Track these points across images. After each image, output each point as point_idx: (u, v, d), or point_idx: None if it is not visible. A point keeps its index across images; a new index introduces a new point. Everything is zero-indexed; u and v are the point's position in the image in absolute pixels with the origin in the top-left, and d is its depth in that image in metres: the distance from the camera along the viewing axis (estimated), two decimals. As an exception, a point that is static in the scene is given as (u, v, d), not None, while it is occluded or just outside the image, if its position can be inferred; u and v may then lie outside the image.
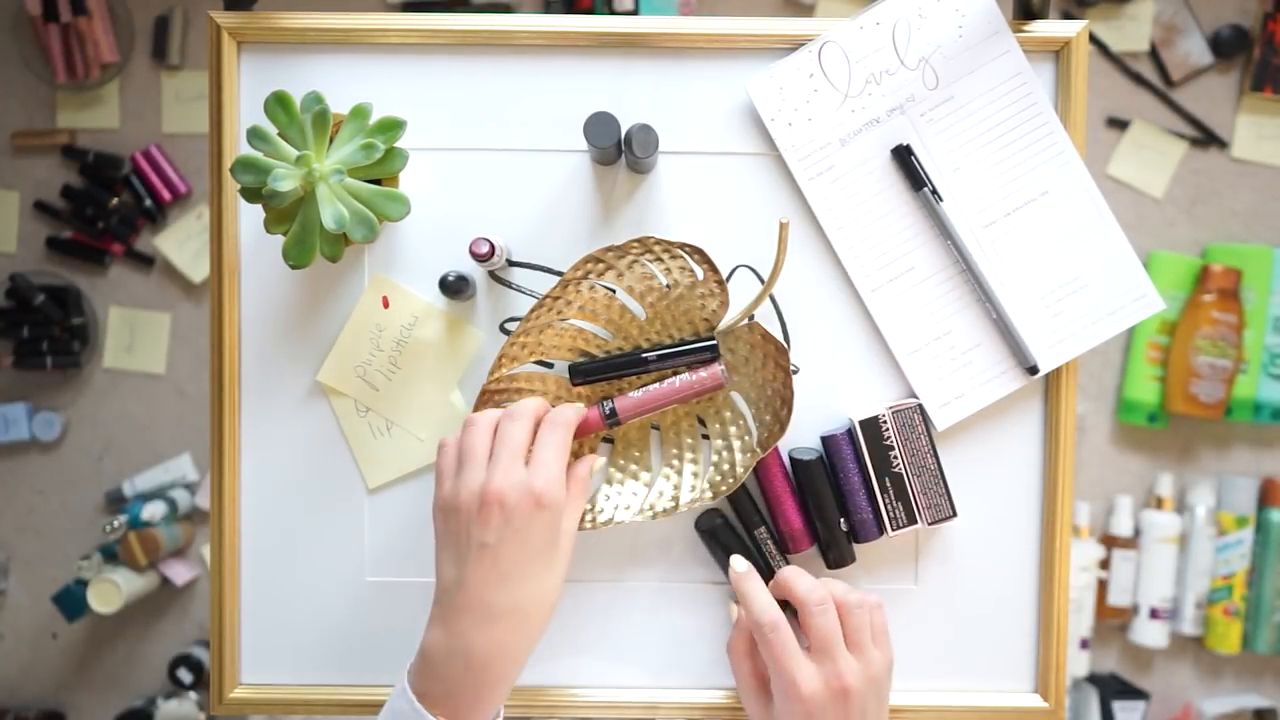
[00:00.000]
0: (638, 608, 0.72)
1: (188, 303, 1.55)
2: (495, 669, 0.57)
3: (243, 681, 0.73)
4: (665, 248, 0.63)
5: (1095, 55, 1.53)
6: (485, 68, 0.70)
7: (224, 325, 0.71)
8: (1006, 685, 0.73)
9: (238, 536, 0.72)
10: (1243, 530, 1.49)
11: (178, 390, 1.55)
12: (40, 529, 1.55)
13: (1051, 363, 0.70)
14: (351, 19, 0.70)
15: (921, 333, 0.70)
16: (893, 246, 0.70)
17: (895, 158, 0.69)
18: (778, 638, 0.60)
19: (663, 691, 0.72)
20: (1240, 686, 1.55)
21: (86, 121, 1.53)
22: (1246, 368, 1.48)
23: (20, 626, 1.56)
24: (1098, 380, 1.54)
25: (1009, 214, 0.70)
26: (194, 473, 1.54)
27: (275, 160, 0.61)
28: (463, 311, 0.71)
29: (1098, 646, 1.54)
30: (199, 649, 1.52)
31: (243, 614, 0.72)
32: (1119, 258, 0.70)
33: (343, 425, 0.72)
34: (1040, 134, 0.69)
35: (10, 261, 1.54)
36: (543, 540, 0.58)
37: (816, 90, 0.69)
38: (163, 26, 1.52)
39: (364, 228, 0.62)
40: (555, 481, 0.58)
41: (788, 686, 0.59)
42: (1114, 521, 1.51)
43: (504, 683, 0.58)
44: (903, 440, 0.68)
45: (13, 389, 1.54)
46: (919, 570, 0.72)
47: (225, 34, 0.70)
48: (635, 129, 0.65)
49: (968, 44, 0.69)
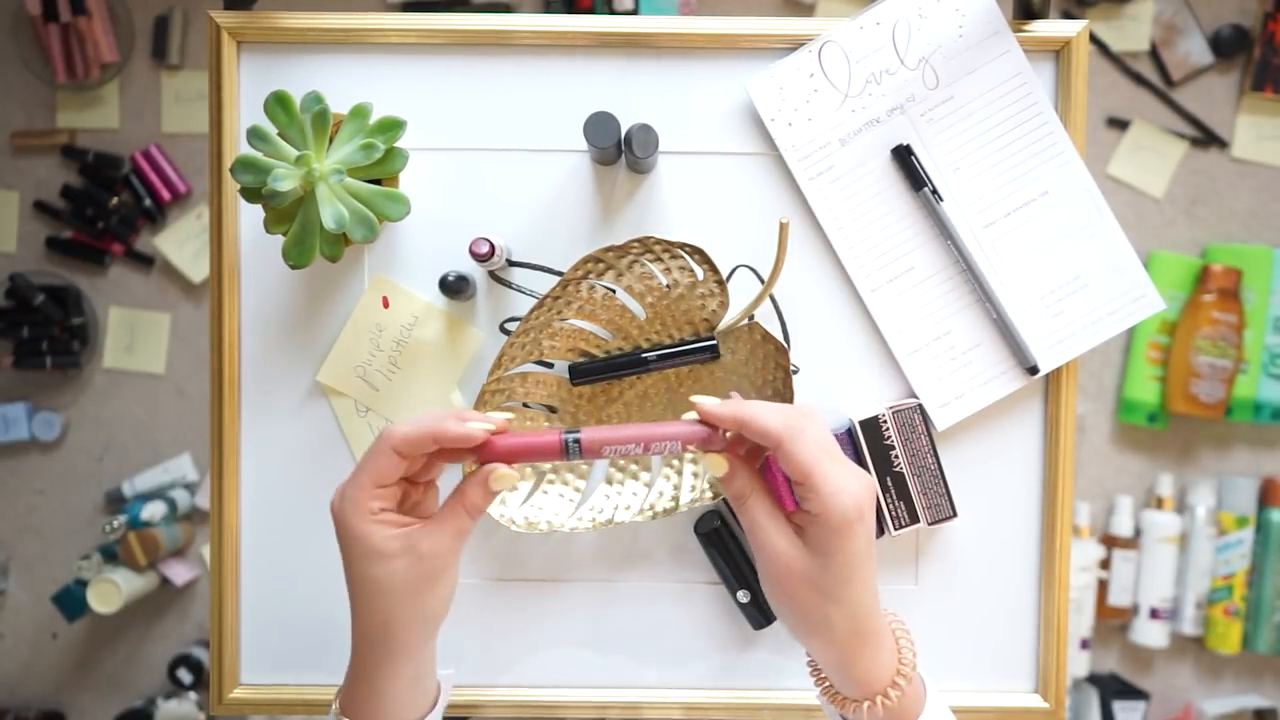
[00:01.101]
0: (637, 608, 0.72)
1: (188, 303, 1.55)
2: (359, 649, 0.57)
3: (243, 681, 0.73)
4: (665, 248, 0.63)
5: (1095, 55, 1.53)
6: (485, 68, 0.70)
7: (224, 325, 0.71)
8: (1006, 685, 0.73)
9: (238, 536, 0.72)
10: (1243, 530, 1.49)
11: (178, 390, 1.55)
12: (40, 529, 1.55)
13: (1051, 363, 0.70)
14: (351, 19, 0.70)
15: (921, 333, 0.70)
16: (893, 246, 0.70)
17: (895, 158, 0.69)
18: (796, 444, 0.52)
19: (662, 691, 0.72)
20: (1240, 686, 1.55)
21: (86, 121, 1.53)
22: (1246, 368, 1.48)
23: (20, 626, 1.56)
24: (1098, 380, 1.54)
25: (1009, 214, 0.70)
26: (194, 473, 1.54)
27: (275, 160, 0.61)
28: (463, 311, 0.71)
29: (1098, 646, 1.54)
30: (199, 649, 1.52)
31: (243, 614, 0.72)
32: (1119, 258, 0.70)
33: (343, 425, 0.72)
34: (1040, 134, 0.69)
35: (10, 261, 1.54)
36: (346, 560, 0.56)
37: (816, 90, 0.69)
38: (163, 26, 1.52)
39: (364, 228, 0.62)
40: (344, 506, 0.55)
41: (845, 500, 0.52)
42: (1114, 521, 1.51)
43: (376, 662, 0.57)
44: (903, 440, 0.68)
45: (13, 389, 1.54)
46: (919, 570, 0.72)
47: (225, 34, 0.69)
48: (635, 129, 0.65)
49: (968, 44, 0.69)
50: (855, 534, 0.53)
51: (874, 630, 0.55)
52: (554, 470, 0.70)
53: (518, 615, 0.72)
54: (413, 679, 0.58)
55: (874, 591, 0.55)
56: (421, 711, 0.59)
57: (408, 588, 0.55)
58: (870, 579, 0.54)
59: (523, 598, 0.72)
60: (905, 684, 0.55)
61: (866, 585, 0.54)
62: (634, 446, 0.55)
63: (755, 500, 0.56)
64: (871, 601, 0.55)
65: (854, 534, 0.52)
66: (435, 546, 0.55)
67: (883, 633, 0.55)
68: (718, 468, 0.56)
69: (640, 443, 0.55)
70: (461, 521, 0.55)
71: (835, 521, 0.52)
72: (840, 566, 0.53)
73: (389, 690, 0.57)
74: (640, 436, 0.55)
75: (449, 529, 0.55)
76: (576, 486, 0.70)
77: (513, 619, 0.72)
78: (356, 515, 0.55)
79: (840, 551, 0.53)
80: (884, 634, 0.55)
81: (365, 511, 0.54)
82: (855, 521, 0.52)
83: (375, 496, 0.55)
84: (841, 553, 0.53)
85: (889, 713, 0.55)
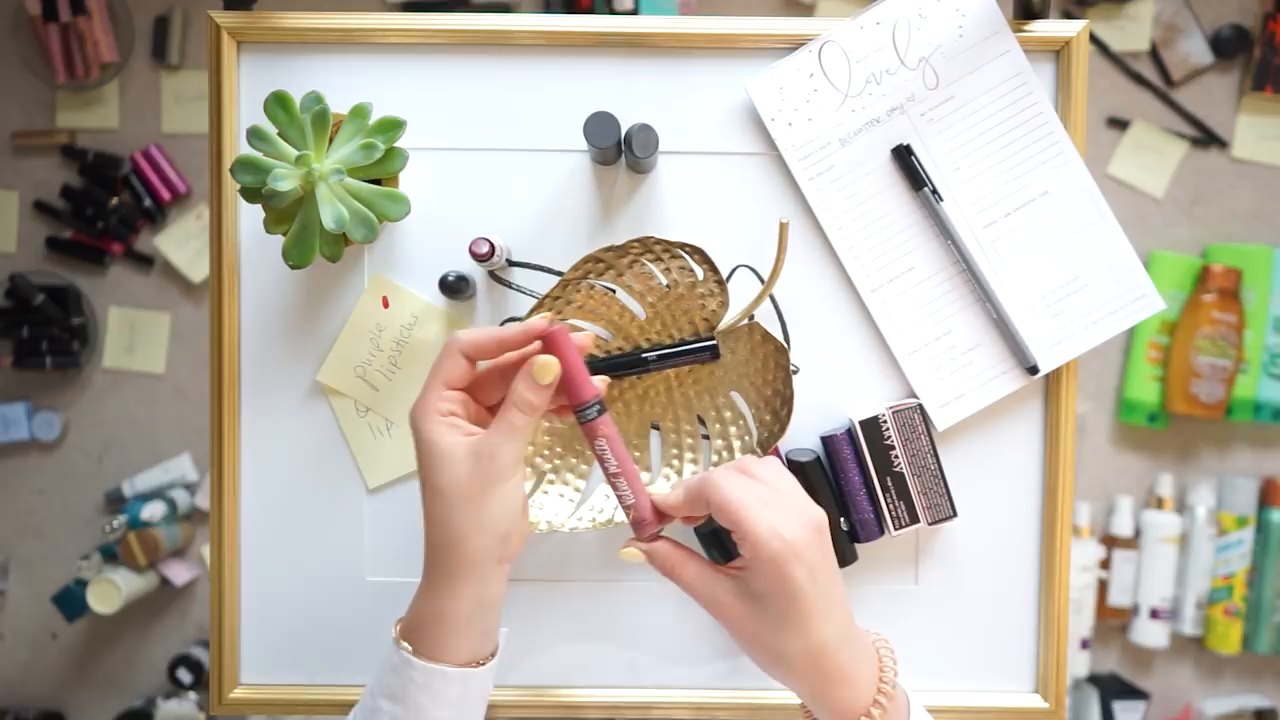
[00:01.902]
0: (637, 608, 0.72)
1: (188, 303, 1.55)
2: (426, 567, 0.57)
3: (243, 681, 0.73)
4: (665, 248, 0.63)
5: (1095, 55, 1.53)
6: (485, 68, 0.70)
7: (224, 325, 0.71)
8: (1006, 685, 0.73)
9: (238, 536, 0.72)
10: (1243, 530, 1.49)
11: (178, 390, 1.55)
12: (40, 529, 1.55)
13: (1051, 363, 0.70)
14: (351, 19, 0.70)
15: (921, 333, 0.70)
16: (893, 246, 0.70)
17: (895, 158, 0.69)
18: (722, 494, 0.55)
19: (661, 691, 0.72)
20: (1240, 686, 1.55)
21: (86, 121, 1.54)
22: (1246, 368, 1.48)
23: (20, 626, 1.56)
24: (1098, 380, 1.54)
25: (1009, 214, 0.70)
26: (194, 473, 1.54)
27: (275, 160, 0.61)
28: (463, 311, 0.71)
29: (1098, 646, 1.54)
30: (199, 649, 1.52)
31: (243, 614, 0.72)
32: (1119, 258, 0.70)
33: (343, 425, 0.72)
34: (1040, 134, 0.69)
35: (10, 261, 1.54)
36: (420, 462, 0.57)
37: (816, 90, 0.69)
38: (163, 26, 1.52)
39: (364, 228, 0.62)
40: (416, 409, 0.57)
41: (772, 541, 0.53)
42: (1114, 521, 1.51)
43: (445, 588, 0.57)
44: (903, 440, 0.68)
45: (13, 389, 1.54)
46: (919, 570, 0.72)
47: (225, 34, 0.69)
48: (635, 129, 0.65)
49: (968, 44, 0.69)
50: (788, 574, 0.53)
51: (839, 663, 0.55)
52: (554, 470, 0.70)
53: (519, 615, 0.72)
54: (475, 605, 0.57)
55: (835, 624, 0.54)
56: (479, 653, 0.58)
57: (470, 491, 0.55)
58: (826, 612, 0.54)
59: (523, 598, 0.72)
60: (880, 712, 0.55)
61: (822, 619, 0.54)
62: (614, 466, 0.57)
63: (683, 569, 0.58)
64: (833, 635, 0.54)
65: (787, 574, 0.53)
66: (491, 447, 0.55)
67: (852, 664, 0.55)
68: (634, 558, 0.59)
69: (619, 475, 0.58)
70: (515, 418, 0.56)
71: (764, 563, 0.53)
72: (781, 606, 0.54)
73: (449, 611, 0.56)
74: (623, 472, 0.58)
75: (503, 426, 0.56)
76: (576, 486, 0.70)
77: (514, 619, 0.72)
78: (426, 416, 0.56)
79: (778, 592, 0.54)
80: (855, 664, 0.55)
81: (434, 412, 0.56)
82: (786, 561, 0.53)
83: (444, 399, 0.56)
84: (780, 593, 0.54)
85: None
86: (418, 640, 0.57)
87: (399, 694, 0.56)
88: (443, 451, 0.55)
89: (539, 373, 0.56)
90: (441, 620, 0.56)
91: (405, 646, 0.57)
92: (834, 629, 0.54)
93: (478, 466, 0.55)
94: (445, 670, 0.56)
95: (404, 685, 0.56)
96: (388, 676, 0.57)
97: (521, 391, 0.56)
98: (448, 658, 0.57)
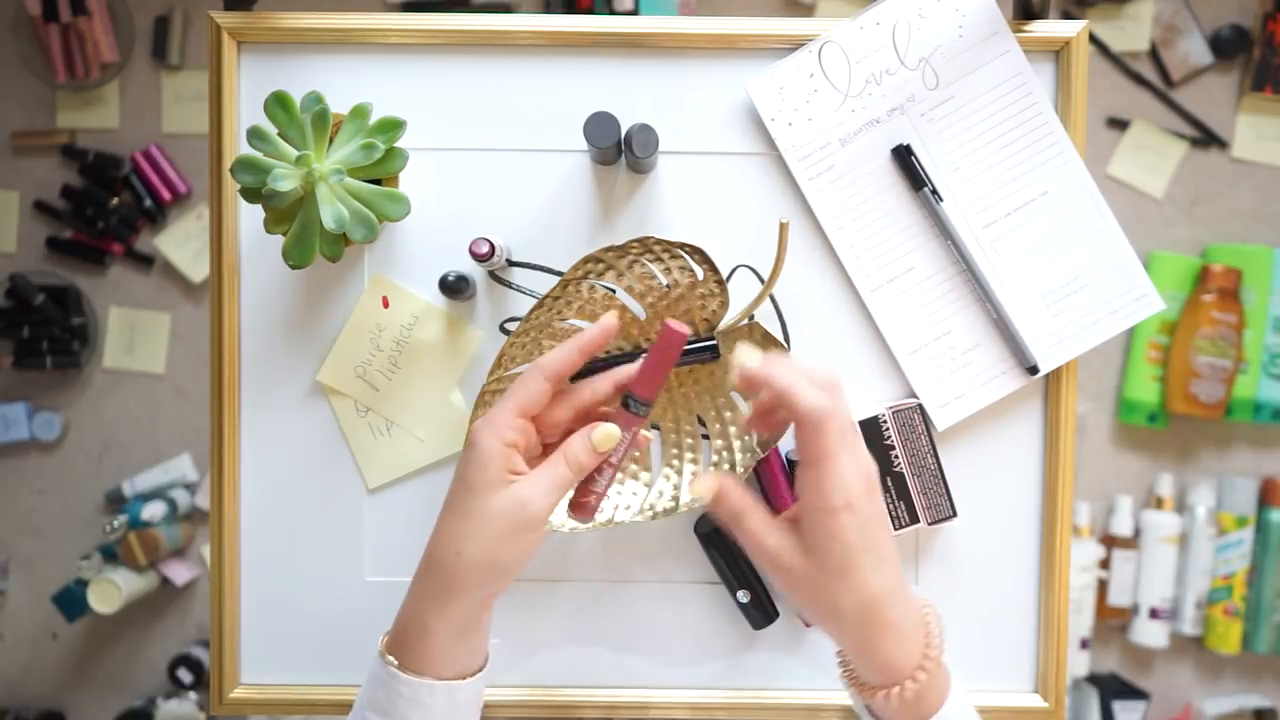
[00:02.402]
0: (637, 608, 0.72)
1: (188, 303, 1.55)
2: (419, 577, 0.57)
3: (243, 681, 0.73)
4: (665, 248, 0.63)
5: (1095, 55, 1.53)
6: (485, 68, 0.70)
7: (224, 325, 0.71)
8: (1006, 685, 0.73)
9: (238, 536, 0.72)
10: (1243, 530, 1.49)
11: (178, 390, 1.55)
12: (40, 529, 1.55)
13: (1051, 363, 0.70)
14: (351, 19, 0.70)
15: (921, 333, 0.70)
16: (893, 246, 0.70)
17: (895, 158, 0.69)
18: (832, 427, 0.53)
19: (661, 691, 0.72)
20: (1240, 686, 1.55)
21: (86, 121, 1.54)
22: (1246, 368, 1.48)
23: (20, 626, 1.56)
24: (1098, 380, 1.54)
25: (1009, 214, 0.70)
26: (194, 473, 1.54)
27: (275, 160, 0.61)
28: (463, 311, 0.71)
29: (1098, 646, 1.54)
30: (199, 649, 1.52)
31: (243, 614, 0.72)
32: (1119, 258, 0.70)
33: (343, 425, 0.72)
34: (1040, 134, 0.69)
35: (10, 261, 1.54)
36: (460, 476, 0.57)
37: (816, 90, 0.69)
38: (163, 26, 1.52)
39: (364, 228, 0.62)
40: (485, 424, 0.56)
41: (834, 483, 0.53)
42: (1114, 521, 1.51)
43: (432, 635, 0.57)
44: (903, 440, 0.68)
45: (13, 389, 1.54)
46: (919, 570, 0.72)
47: (225, 34, 0.70)
48: (635, 129, 0.65)
49: (968, 44, 0.69)
50: (844, 523, 0.53)
51: (890, 619, 0.54)
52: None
53: (518, 615, 0.72)
54: (460, 628, 0.57)
55: (888, 578, 0.54)
56: (467, 669, 0.59)
57: (495, 529, 0.55)
58: (878, 566, 0.54)
59: (523, 598, 0.72)
60: (926, 676, 0.54)
61: (874, 572, 0.54)
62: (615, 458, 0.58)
63: (747, 518, 0.57)
64: (884, 588, 0.54)
65: (843, 523, 0.53)
66: (533, 493, 0.55)
67: (903, 621, 0.55)
68: (705, 493, 0.58)
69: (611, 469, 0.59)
70: (560, 470, 0.56)
71: (825, 512, 0.53)
72: (837, 556, 0.54)
73: (436, 629, 0.56)
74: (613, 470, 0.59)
75: (549, 477, 0.56)
76: (576, 486, 0.70)
77: (513, 619, 0.72)
78: (492, 433, 0.56)
79: (834, 540, 0.53)
80: (905, 622, 0.55)
81: (503, 435, 0.56)
82: (842, 510, 0.53)
83: (514, 427, 0.56)
84: (836, 541, 0.53)
85: (906, 704, 0.54)
86: (404, 654, 0.57)
87: (386, 707, 0.57)
88: (490, 481, 0.55)
89: (600, 440, 0.56)
90: (426, 635, 0.57)
91: (391, 661, 0.57)
92: (885, 580, 0.54)
93: (514, 511, 0.55)
94: (432, 684, 0.56)
95: (391, 699, 0.57)
96: (375, 690, 0.58)
97: (577, 451, 0.56)
98: (434, 671, 0.57)
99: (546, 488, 0.56)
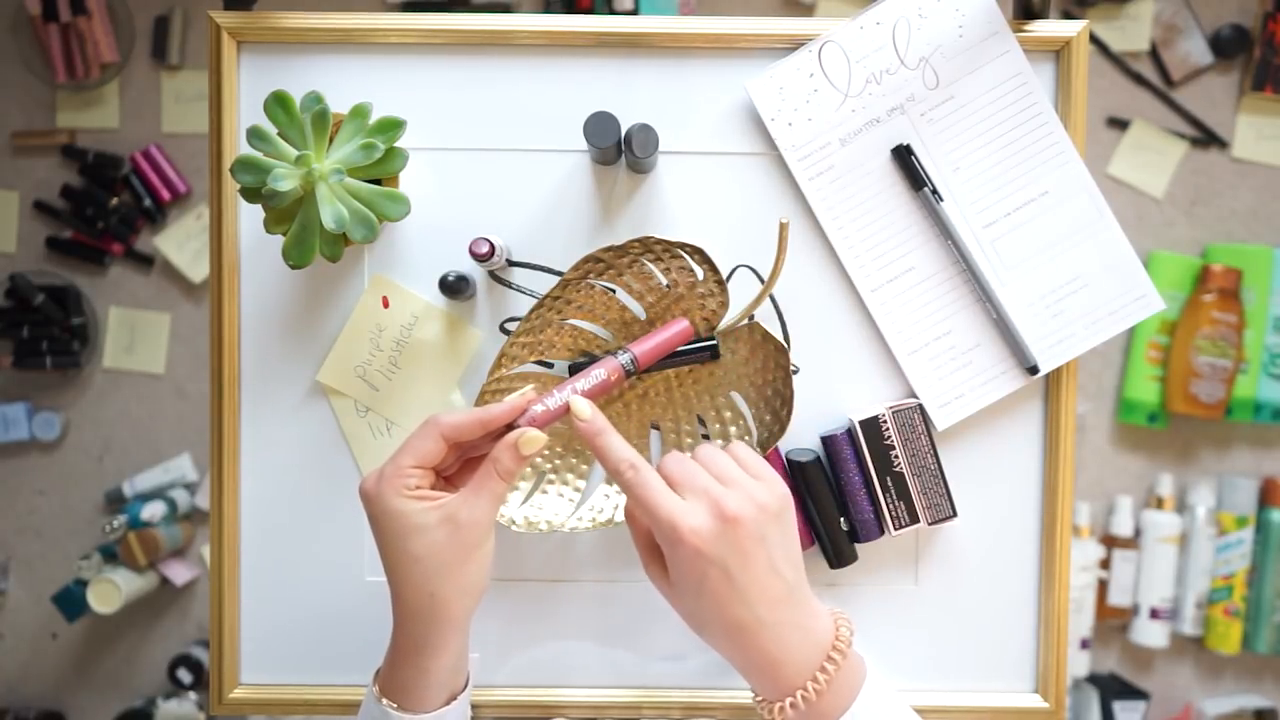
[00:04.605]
0: (637, 608, 0.72)
1: (188, 303, 1.55)
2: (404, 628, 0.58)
3: (243, 681, 0.73)
4: (665, 248, 0.63)
5: (1095, 55, 1.53)
6: (485, 68, 0.70)
7: (224, 325, 0.71)
8: (1006, 685, 0.73)
9: (238, 536, 0.72)
10: (1243, 530, 1.49)
11: (178, 390, 1.55)
12: (40, 529, 1.55)
13: (1051, 363, 0.70)
14: (351, 19, 0.70)
15: (921, 333, 0.70)
16: (893, 246, 0.70)
17: (895, 158, 0.69)
18: (638, 476, 0.56)
19: (659, 691, 0.72)
20: (1240, 686, 1.55)
21: (86, 121, 1.53)
22: (1246, 368, 1.48)
23: (20, 626, 1.56)
24: (1098, 380, 1.54)
25: (1009, 214, 0.70)
26: (194, 473, 1.54)
27: (275, 160, 0.61)
28: (463, 311, 0.71)
29: (1098, 646, 1.54)
30: (199, 649, 1.52)
31: (243, 614, 0.72)
32: (1119, 258, 0.70)
33: (343, 425, 0.72)
34: (1040, 134, 0.69)
35: (10, 261, 1.54)
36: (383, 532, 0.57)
37: (816, 90, 0.69)
38: (163, 26, 1.52)
39: (364, 228, 0.62)
40: (380, 482, 0.56)
41: (668, 529, 0.54)
42: (1114, 521, 1.51)
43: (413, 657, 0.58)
44: (903, 440, 0.68)
45: (13, 389, 1.54)
46: (919, 570, 0.72)
47: (225, 34, 0.69)
48: (635, 129, 0.65)
49: (968, 44, 0.69)
50: (687, 559, 0.55)
51: (759, 645, 0.55)
52: (554, 470, 0.70)
53: (518, 615, 0.72)
54: (457, 656, 0.59)
55: (756, 609, 0.55)
56: (455, 691, 0.61)
57: (450, 557, 0.56)
58: (739, 599, 0.55)
59: (523, 598, 0.72)
60: (818, 687, 0.55)
61: (737, 605, 0.55)
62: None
63: (635, 528, 0.62)
64: (747, 619, 0.55)
65: (686, 559, 0.55)
66: (472, 514, 0.56)
67: (779, 648, 0.55)
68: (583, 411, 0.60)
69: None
70: (495, 486, 0.57)
71: (667, 548, 0.56)
72: (686, 589, 0.56)
73: (434, 667, 0.58)
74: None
75: (484, 495, 0.57)
76: (577, 486, 0.70)
77: (513, 619, 0.72)
78: (392, 493, 0.56)
79: (683, 576, 0.56)
80: (781, 648, 0.56)
81: (401, 488, 0.56)
82: (679, 545, 0.55)
83: (410, 475, 0.56)
84: (684, 577, 0.56)
85: (801, 714, 0.56)
86: (402, 697, 0.58)
87: None
88: (415, 522, 0.56)
89: (526, 446, 0.57)
90: (426, 677, 0.58)
91: (390, 705, 0.58)
92: (754, 613, 0.55)
93: (457, 533, 0.56)
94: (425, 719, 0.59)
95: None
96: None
97: (505, 461, 0.57)
98: (428, 706, 0.59)
99: (484, 502, 0.57)
